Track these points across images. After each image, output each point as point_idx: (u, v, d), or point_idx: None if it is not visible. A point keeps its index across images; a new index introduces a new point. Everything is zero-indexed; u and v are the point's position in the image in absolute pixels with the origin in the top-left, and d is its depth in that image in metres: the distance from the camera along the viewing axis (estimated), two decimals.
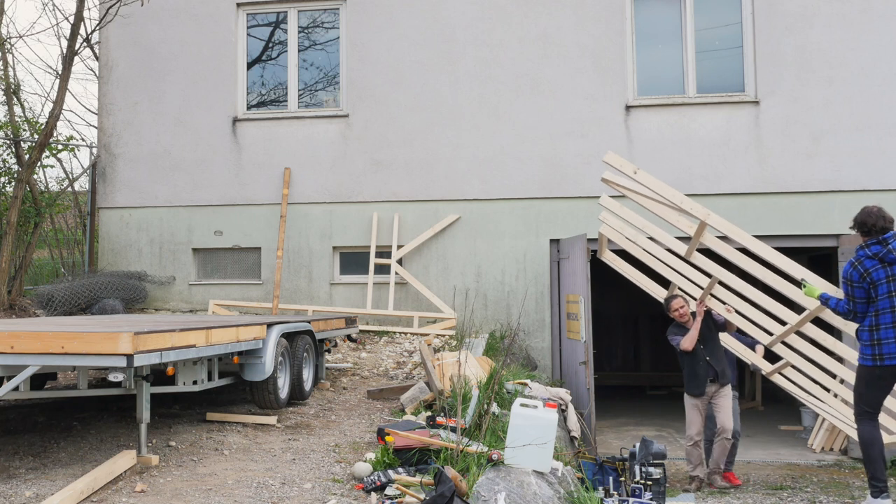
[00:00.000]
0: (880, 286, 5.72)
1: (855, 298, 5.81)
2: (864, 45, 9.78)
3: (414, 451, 5.21)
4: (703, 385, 7.42)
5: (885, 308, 5.71)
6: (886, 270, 5.72)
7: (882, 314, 5.71)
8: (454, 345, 9.25)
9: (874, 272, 5.71)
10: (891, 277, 5.71)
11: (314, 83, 10.98)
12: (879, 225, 5.74)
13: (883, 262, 5.72)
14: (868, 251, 5.77)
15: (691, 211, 6.39)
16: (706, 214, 6.35)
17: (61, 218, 12.69)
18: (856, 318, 5.87)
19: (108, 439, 5.81)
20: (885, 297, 5.71)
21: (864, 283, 5.73)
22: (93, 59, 16.45)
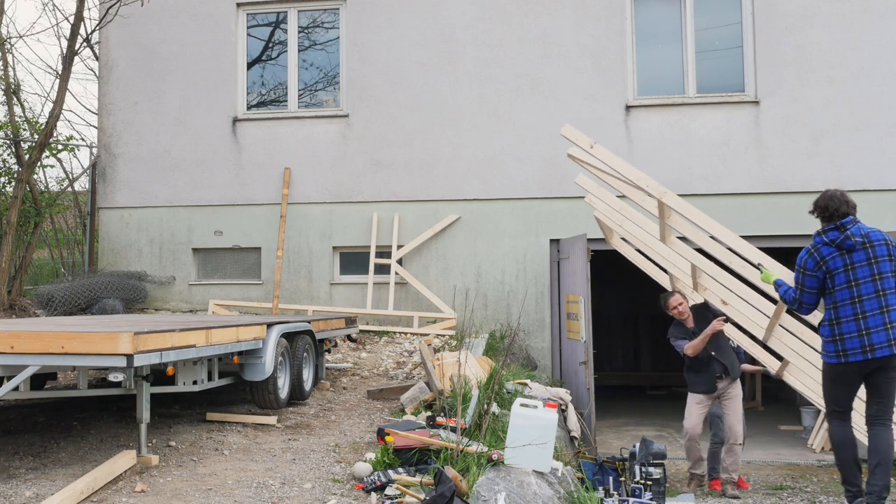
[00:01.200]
0: (837, 275, 5.25)
1: (804, 287, 5.34)
2: (864, 45, 9.78)
3: (414, 451, 5.21)
4: (710, 383, 7.18)
5: (844, 300, 5.24)
6: (845, 258, 5.25)
7: (841, 306, 5.24)
8: (454, 345, 9.25)
9: (831, 260, 5.25)
10: (850, 266, 5.24)
11: (314, 83, 10.98)
12: (842, 210, 5.30)
13: (841, 249, 5.26)
14: (825, 237, 5.32)
15: (647, 189, 6.07)
16: (662, 193, 6.01)
17: (61, 218, 12.68)
18: (800, 309, 5.45)
19: (108, 439, 5.81)
20: (845, 288, 5.24)
21: (818, 272, 5.28)
22: (93, 59, 16.45)
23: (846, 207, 5.31)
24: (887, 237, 5.33)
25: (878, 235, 5.29)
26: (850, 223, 5.28)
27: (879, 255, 5.23)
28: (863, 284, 5.21)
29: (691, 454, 7.29)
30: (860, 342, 5.17)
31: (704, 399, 7.23)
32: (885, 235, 5.34)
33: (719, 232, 5.91)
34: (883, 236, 5.31)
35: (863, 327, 5.16)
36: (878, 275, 5.20)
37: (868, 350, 5.15)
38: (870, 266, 5.21)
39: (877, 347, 5.14)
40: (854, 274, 5.22)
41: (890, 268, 5.25)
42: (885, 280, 5.21)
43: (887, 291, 5.22)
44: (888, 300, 5.20)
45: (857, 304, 5.19)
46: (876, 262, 5.22)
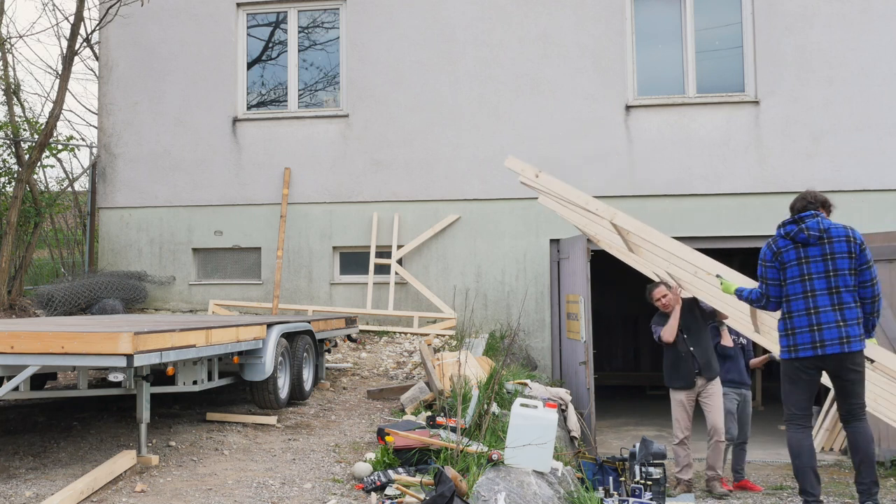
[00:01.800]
0: (790, 268, 5.18)
1: (767, 280, 5.27)
2: (864, 45, 9.78)
3: (414, 451, 5.21)
4: (688, 378, 7.06)
5: (796, 293, 5.15)
6: (798, 252, 5.17)
7: (794, 300, 5.16)
8: (454, 345, 9.25)
9: (785, 252, 5.20)
10: (803, 260, 5.15)
11: (314, 83, 10.98)
12: (799, 205, 5.31)
13: (795, 242, 5.20)
14: (782, 230, 5.29)
15: (597, 212, 6.01)
16: (612, 215, 5.94)
17: (61, 218, 12.68)
18: (768, 304, 5.31)
19: (108, 439, 5.81)
20: (797, 281, 5.15)
21: (775, 263, 5.23)
22: (93, 59, 16.45)
23: (803, 202, 5.31)
24: (852, 233, 5.18)
25: (840, 231, 5.16)
26: (809, 217, 5.22)
27: (837, 251, 5.12)
28: (816, 280, 5.12)
29: (679, 458, 7.15)
30: (811, 337, 5.08)
31: (685, 397, 7.10)
32: (851, 232, 5.19)
33: (674, 248, 5.82)
34: (846, 232, 5.17)
35: (814, 322, 5.08)
36: (833, 271, 5.10)
37: (818, 346, 5.06)
38: (825, 262, 5.12)
39: (827, 344, 5.05)
40: (808, 268, 5.14)
41: (848, 265, 5.11)
42: (841, 277, 5.10)
43: (842, 289, 5.10)
44: (842, 297, 5.09)
45: (809, 299, 5.11)
46: (832, 259, 5.12)
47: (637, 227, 5.88)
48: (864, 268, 5.14)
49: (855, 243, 5.14)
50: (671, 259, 6.26)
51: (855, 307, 5.11)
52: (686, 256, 5.79)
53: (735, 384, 7.53)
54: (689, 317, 7.17)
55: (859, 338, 5.09)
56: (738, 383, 7.55)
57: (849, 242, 5.13)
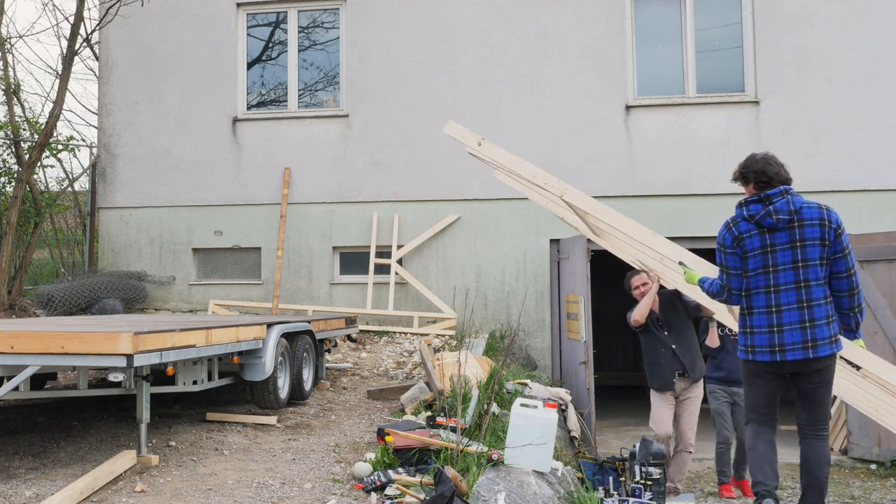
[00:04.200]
0: (753, 258, 4.41)
1: (728, 269, 4.51)
2: (864, 45, 9.79)
3: (414, 451, 5.21)
4: (668, 377, 6.63)
5: (758, 287, 4.42)
6: (764, 238, 4.39)
7: (755, 295, 4.43)
8: (454, 345, 9.25)
9: (748, 239, 4.43)
10: (769, 248, 4.37)
11: (314, 83, 10.98)
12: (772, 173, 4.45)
13: (760, 226, 4.41)
14: (745, 210, 4.49)
15: (545, 187, 5.38)
16: (562, 191, 5.29)
17: (61, 218, 12.69)
18: (730, 298, 4.55)
19: (108, 439, 5.81)
20: (760, 273, 4.40)
21: (737, 250, 4.47)
22: (93, 59, 16.46)
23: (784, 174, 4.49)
24: (827, 215, 4.38)
25: (814, 213, 4.37)
26: (778, 196, 4.40)
27: (809, 237, 4.34)
28: (782, 271, 4.36)
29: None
30: (769, 339, 4.38)
31: (665, 398, 6.71)
32: (827, 213, 4.39)
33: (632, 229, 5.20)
34: (819, 214, 4.37)
35: (774, 322, 4.37)
36: (803, 262, 4.33)
37: (777, 350, 4.37)
38: (793, 250, 4.35)
39: (788, 348, 4.35)
40: (773, 258, 4.37)
41: (819, 254, 4.34)
42: (811, 269, 4.34)
43: (811, 283, 4.34)
44: (811, 293, 4.34)
45: (771, 295, 4.38)
46: (802, 246, 4.34)
47: (591, 206, 5.22)
48: (840, 256, 4.36)
49: (830, 227, 4.35)
50: (634, 244, 5.67)
51: (826, 304, 4.36)
52: (647, 241, 5.08)
53: (725, 382, 6.99)
54: (671, 311, 6.72)
55: (829, 340, 4.34)
56: (730, 381, 6.95)
57: (823, 226, 4.35)
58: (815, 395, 4.52)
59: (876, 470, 8.06)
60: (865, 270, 8.73)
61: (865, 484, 7.52)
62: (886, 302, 8.50)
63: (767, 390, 4.61)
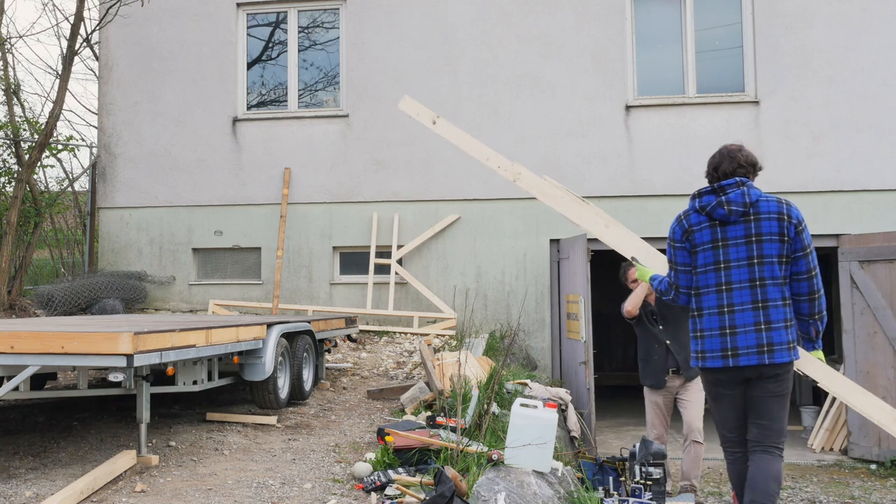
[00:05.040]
0: (703, 252, 4.08)
1: (677, 265, 4.19)
2: (864, 45, 9.79)
3: (414, 451, 5.21)
4: (661, 375, 6.29)
5: (708, 285, 4.08)
6: (715, 232, 4.06)
7: (705, 294, 4.10)
8: (454, 345, 9.25)
9: (698, 232, 4.11)
10: (720, 242, 4.04)
11: (314, 83, 10.98)
12: (726, 166, 4.19)
13: (712, 219, 4.08)
14: (697, 202, 4.18)
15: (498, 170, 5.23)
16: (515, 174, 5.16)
17: (61, 218, 12.69)
18: (679, 296, 4.22)
19: (108, 439, 5.81)
20: (711, 270, 4.07)
21: (685, 244, 4.16)
22: (93, 59, 16.46)
23: (730, 164, 4.20)
24: (787, 209, 4.05)
25: (772, 206, 4.05)
26: (732, 187, 4.10)
27: (765, 232, 4.01)
28: (735, 268, 4.03)
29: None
30: (721, 343, 4.03)
31: (659, 398, 6.39)
32: (787, 207, 4.06)
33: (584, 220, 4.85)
34: (778, 208, 4.04)
35: (727, 324, 4.03)
36: (759, 258, 4.00)
37: (730, 354, 4.01)
38: (748, 245, 4.02)
39: (741, 353, 3.99)
40: (725, 253, 4.04)
41: (778, 251, 4.00)
42: (768, 266, 4.00)
43: (767, 281, 4.00)
44: (767, 293, 4.00)
45: (723, 294, 4.04)
46: (758, 242, 4.01)
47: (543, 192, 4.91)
48: (800, 255, 4.02)
49: (789, 222, 4.01)
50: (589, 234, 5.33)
51: (784, 306, 4.02)
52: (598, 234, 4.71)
53: None
54: (665, 304, 6.32)
55: (787, 346, 3.99)
56: None
57: (781, 221, 4.01)
58: (767, 407, 4.07)
59: (876, 470, 8.06)
60: (865, 270, 8.73)
61: (865, 484, 7.52)
62: (886, 302, 8.51)
63: (731, 402, 4.18)
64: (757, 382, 4.04)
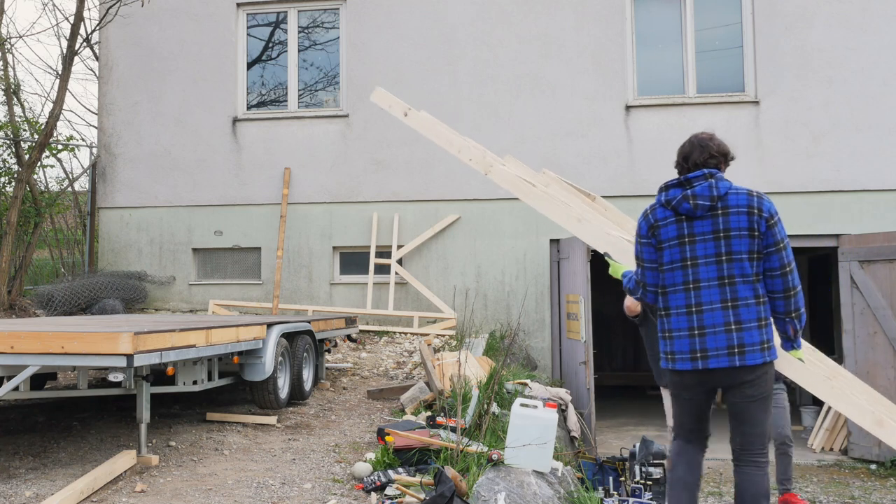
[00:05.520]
0: (668, 249, 3.87)
1: (643, 261, 3.98)
2: (864, 45, 9.78)
3: (414, 451, 5.21)
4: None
5: (675, 284, 3.87)
6: (681, 227, 3.85)
7: (672, 293, 3.88)
8: (454, 345, 9.25)
9: (663, 228, 3.89)
10: (687, 238, 3.83)
11: (314, 83, 10.98)
12: (697, 156, 3.94)
13: (678, 213, 3.86)
14: (663, 196, 3.93)
15: (470, 163, 5.06)
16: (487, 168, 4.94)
17: (61, 218, 12.68)
18: (646, 295, 4.02)
19: (108, 439, 5.81)
20: (678, 268, 3.86)
21: (651, 240, 3.95)
22: (93, 59, 16.46)
23: (701, 154, 3.95)
24: (758, 202, 3.81)
25: (741, 199, 3.82)
26: (700, 179, 3.86)
27: (734, 226, 3.79)
28: (703, 266, 3.82)
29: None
30: (689, 344, 3.84)
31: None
32: (757, 200, 3.82)
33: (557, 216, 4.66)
34: (748, 201, 3.81)
35: (695, 324, 3.83)
36: (727, 255, 3.79)
37: (699, 356, 3.81)
38: (716, 241, 3.81)
39: (710, 355, 3.79)
40: (692, 250, 3.83)
41: (748, 247, 3.78)
42: (738, 263, 3.79)
43: (737, 279, 3.79)
44: (737, 291, 3.79)
45: (691, 293, 3.84)
46: (726, 237, 3.79)
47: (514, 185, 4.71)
48: (773, 250, 3.79)
49: (760, 216, 3.78)
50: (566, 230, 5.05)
51: (756, 304, 3.80)
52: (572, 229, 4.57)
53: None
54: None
55: (760, 346, 3.77)
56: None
57: (752, 215, 3.78)
58: (748, 413, 3.86)
59: (876, 470, 8.06)
60: (865, 270, 8.74)
61: (865, 484, 7.52)
62: (887, 302, 8.51)
63: (695, 405, 3.99)
64: (732, 388, 3.85)
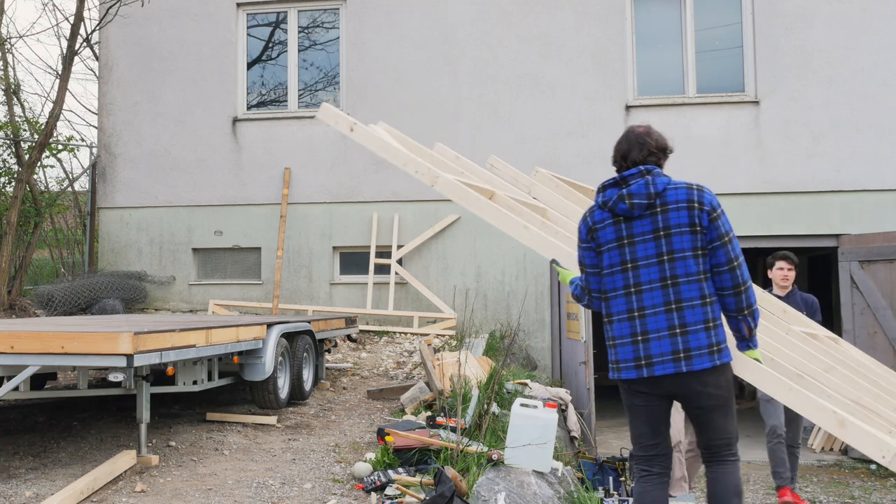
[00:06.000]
0: (607, 252, 3.64)
1: (586, 267, 3.75)
2: (864, 45, 9.78)
3: (414, 451, 5.21)
4: None
5: (616, 289, 3.63)
6: (619, 229, 3.61)
7: (613, 298, 3.64)
8: (454, 345, 9.25)
9: (602, 230, 3.65)
10: (626, 241, 3.59)
11: (314, 83, 10.98)
12: (635, 154, 3.66)
13: (615, 214, 3.62)
14: (601, 197, 3.68)
15: (416, 175, 4.93)
16: (433, 179, 4.76)
17: (61, 218, 12.68)
18: (592, 302, 3.79)
19: (108, 439, 5.81)
20: (618, 271, 3.61)
21: (591, 243, 3.71)
22: (93, 59, 16.46)
23: (640, 151, 3.66)
24: (698, 195, 3.54)
25: (680, 194, 3.55)
26: (636, 176, 3.60)
27: (674, 223, 3.53)
28: (643, 267, 3.57)
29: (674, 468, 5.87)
30: (633, 352, 3.59)
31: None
32: (698, 193, 3.55)
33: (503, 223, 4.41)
34: (687, 195, 3.54)
35: (638, 330, 3.58)
36: (669, 254, 3.53)
37: (644, 364, 3.57)
38: (656, 241, 3.55)
39: (655, 361, 3.53)
40: (632, 251, 3.58)
41: (691, 244, 3.52)
42: (680, 262, 3.52)
43: (681, 280, 3.52)
44: (681, 293, 3.52)
45: (632, 297, 3.59)
46: (666, 236, 3.54)
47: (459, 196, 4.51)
48: (718, 245, 3.51)
49: (701, 210, 3.52)
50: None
51: (703, 305, 3.51)
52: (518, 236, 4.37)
53: None
54: None
55: (709, 350, 3.49)
56: None
57: (691, 210, 3.52)
58: (708, 420, 3.63)
59: (876, 470, 8.05)
60: (865, 270, 8.74)
61: (865, 484, 7.52)
62: (887, 302, 8.52)
63: (648, 414, 3.71)
64: (685, 398, 3.60)
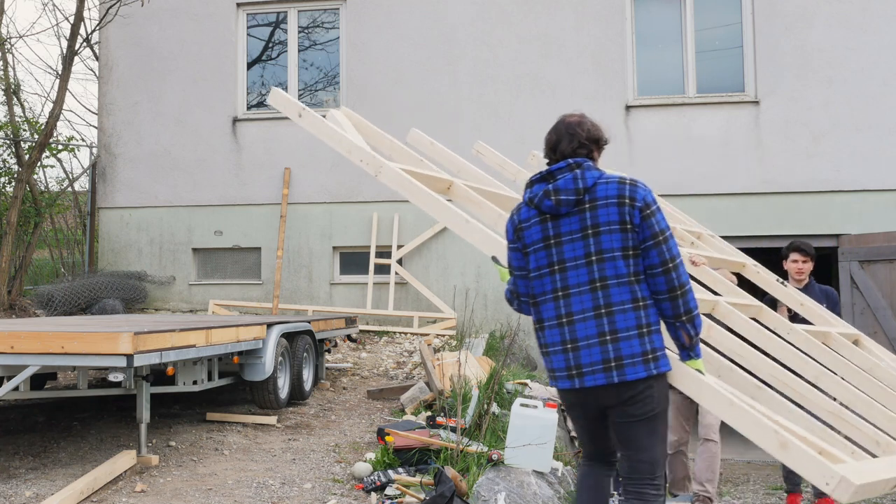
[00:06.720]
0: (534, 254, 3.33)
1: (514, 269, 3.46)
2: (864, 45, 9.78)
3: (414, 451, 5.21)
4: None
5: (544, 293, 3.33)
6: (546, 228, 3.29)
7: (542, 302, 3.34)
8: (454, 345, 9.25)
9: (527, 229, 3.34)
10: (553, 241, 3.28)
11: (314, 83, 10.98)
12: (565, 145, 3.31)
13: (541, 212, 3.30)
14: (528, 193, 3.37)
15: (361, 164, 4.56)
16: (377, 169, 4.44)
17: (61, 218, 12.68)
18: (522, 306, 3.51)
19: (108, 439, 5.81)
20: (546, 274, 3.30)
21: (518, 244, 3.41)
22: (93, 59, 16.45)
23: (570, 142, 3.31)
24: (630, 192, 3.20)
25: (611, 189, 3.21)
26: (563, 170, 3.27)
27: (603, 220, 3.20)
28: (571, 269, 3.25)
29: (676, 470, 5.70)
30: (565, 360, 3.27)
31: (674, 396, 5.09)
32: (630, 188, 3.21)
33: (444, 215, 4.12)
34: (618, 191, 3.20)
35: (567, 337, 3.27)
36: (598, 254, 3.20)
37: (575, 374, 3.24)
38: (584, 240, 3.23)
39: (585, 371, 3.21)
40: (559, 252, 3.27)
41: (621, 243, 3.19)
42: (609, 263, 3.20)
43: (609, 282, 3.19)
44: (611, 296, 3.19)
45: (560, 301, 3.28)
46: (595, 234, 3.21)
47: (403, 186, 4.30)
48: (651, 244, 3.18)
49: (632, 206, 3.18)
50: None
51: (636, 309, 3.18)
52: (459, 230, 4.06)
53: None
54: None
55: (643, 358, 3.16)
56: None
57: (622, 206, 3.19)
58: (631, 435, 3.25)
59: None
60: (865, 270, 8.74)
61: None
62: (887, 302, 8.52)
63: (584, 423, 3.48)
64: (615, 408, 3.26)
